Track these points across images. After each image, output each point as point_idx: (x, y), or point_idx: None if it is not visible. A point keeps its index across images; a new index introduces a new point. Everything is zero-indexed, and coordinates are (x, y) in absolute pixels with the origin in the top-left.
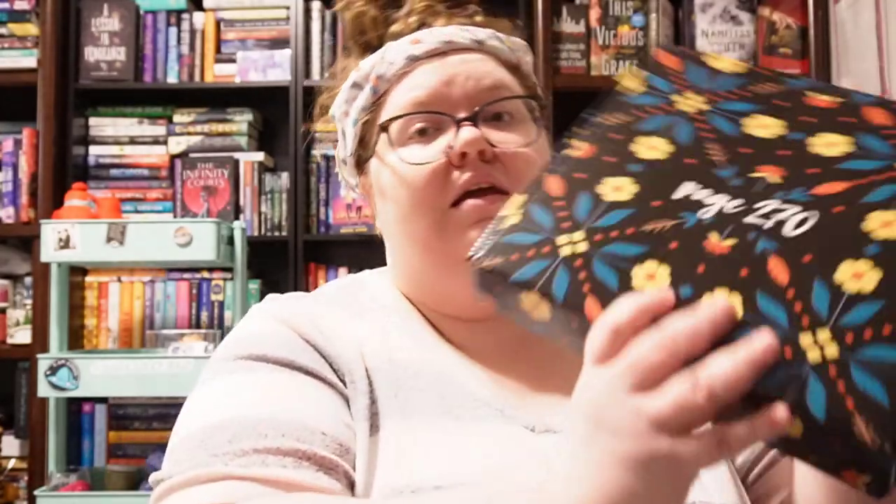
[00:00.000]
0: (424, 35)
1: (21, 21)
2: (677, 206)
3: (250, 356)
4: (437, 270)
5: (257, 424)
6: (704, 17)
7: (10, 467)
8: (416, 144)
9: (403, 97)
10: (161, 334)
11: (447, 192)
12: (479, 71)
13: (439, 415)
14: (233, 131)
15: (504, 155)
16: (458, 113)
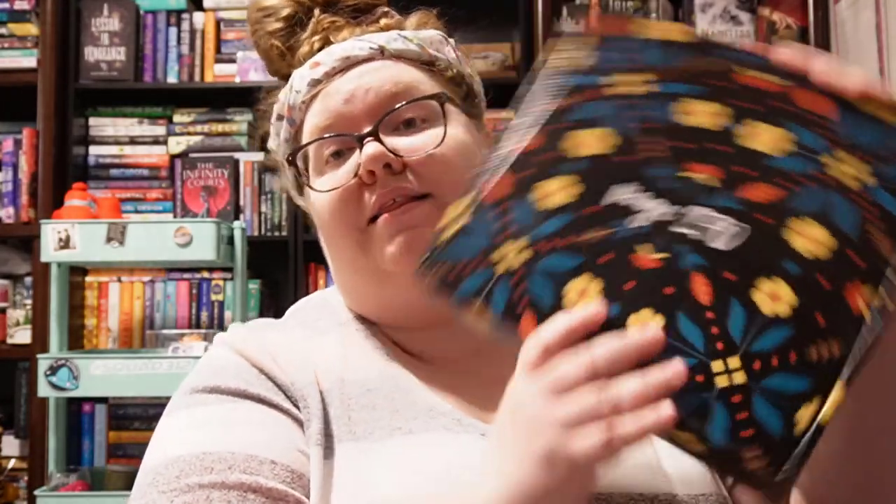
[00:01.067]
0: (322, 56)
1: (21, 21)
2: (608, 214)
3: (205, 388)
4: (368, 286)
5: (204, 458)
6: (704, 17)
7: (10, 467)
8: (331, 170)
9: (309, 124)
10: (161, 334)
11: (362, 211)
12: (379, 80)
13: (391, 432)
14: (233, 131)
15: (415, 162)
16: (361, 129)
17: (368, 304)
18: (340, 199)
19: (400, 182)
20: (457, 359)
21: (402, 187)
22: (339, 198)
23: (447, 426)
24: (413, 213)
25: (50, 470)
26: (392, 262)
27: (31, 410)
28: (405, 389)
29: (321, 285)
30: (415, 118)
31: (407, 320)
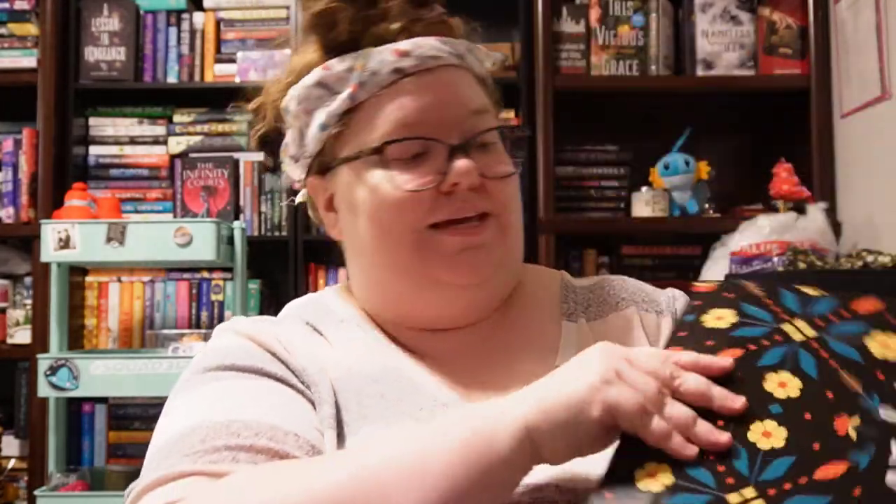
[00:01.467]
0: (410, 47)
1: (21, 21)
2: (842, 445)
3: (219, 367)
4: (410, 290)
5: (230, 425)
6: (704, 17)
7: (10, 467)
8: (404, 167)
9: (390, 116)
10: (161, 334)
11: (430, 215)
12: (466, 94)
13: (398, 418)
14: (233, 131)
15: (490, 183)
16: (450, 139)
17: (395, 303)
18: (413, 200)
19: (475, 200)
20: (455, 358)
21: (477, 206)
22: (411, 198)
23: None
24: (483, 233)
25: (50, 470)
26: (452, 273)
27: (31, 410)
28: (408, 379)
29: (321, 285)
30: (489, 142)
31: (431, 323)
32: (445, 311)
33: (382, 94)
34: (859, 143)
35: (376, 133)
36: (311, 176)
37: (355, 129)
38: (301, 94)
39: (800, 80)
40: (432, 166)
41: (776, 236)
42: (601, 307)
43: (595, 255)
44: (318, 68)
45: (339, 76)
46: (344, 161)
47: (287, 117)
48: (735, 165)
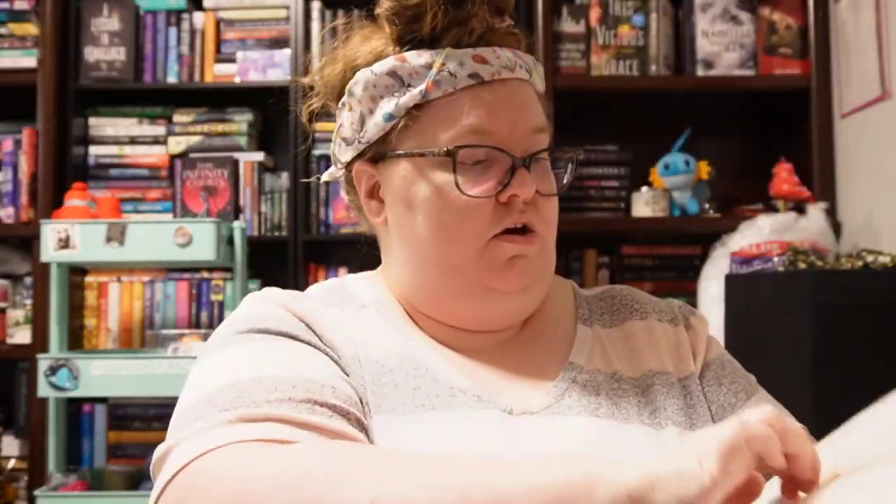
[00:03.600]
0: (489, 55)
1: (21, 21)
2: None
3: (252, 330)
4: (458, 292)
5: (264, 381)
6: (704, 17)
7: (10, 467)
8: (467, 172)
9: (461, 120)
10: (161, 334)
11: (493, 226)
12: (532, 111)
13: (414, 408)
14: (233, 131)
15: (540, 199)
16: (515, 152)
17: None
18: (476, 207)
19: (529, 215)
20: (476, 352)
21: (528, 217)
22: (480, 206)
23: (468, 403)
24: (532, 245)
25: (50, 470)
26: (501, 279)
27: (31, 410)
28: (425, 368)
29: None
30: (542, 159)
31: (466, 324)
32: (484, 315)
33: (456, 96)
34: (859, 143)
35: (446, 134)
36: (361, 161)
37: (422, 126)
38: (370, 79)
39: (800, 80)
40: (494, 175)
41: (776, 236)
42: (615, 315)
43: (595, 255)
44: (392, 58)
45: (415, 70)
46: (406, 155)
47: (350, 99)
48: (735, 165)
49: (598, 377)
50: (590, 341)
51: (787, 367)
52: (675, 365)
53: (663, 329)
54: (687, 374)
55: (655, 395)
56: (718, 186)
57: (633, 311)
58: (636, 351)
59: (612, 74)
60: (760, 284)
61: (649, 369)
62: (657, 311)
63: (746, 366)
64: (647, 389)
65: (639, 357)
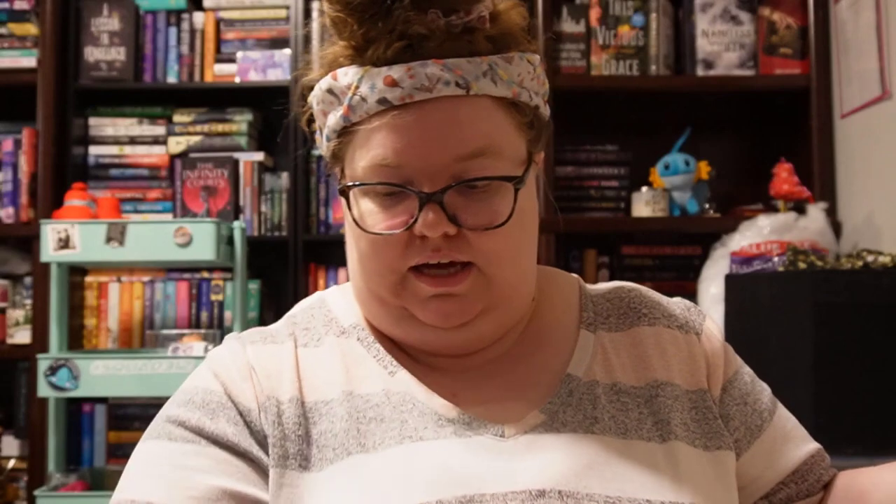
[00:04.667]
0: (401, 75)
1: (21, 21)
2: None
3: (174, 420)
4: (391, 319)
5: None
6: (704, 17)
7: (10, 467)
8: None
9: (371, 151)
10: (161, 334)
11: (407, 258)
12: (458, 136)
13: (400, 441)
14: (233, 131)
15: (471, 233)
16: (426, 184)
17: (382, 324)
18: (387, 243)
19: (451, 249)
20: (459, 373)
21: (451, 254)
22: (385, 241)
23: (457, 433)
24: (457, 284)
25: (50, 470)
26: (424, 315)
27: (31, 410)
28: (412, 401)
29: (321, 285)
30: (480, 183)
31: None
32: (430, 345)
33: (370, 122)
34: (859, 143)
35: (359, 164)
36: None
37: (347, 151)
38: (318, 95)
39: (800, 80)
40: (406, 209)
41: (776, 236)
42: (622, 319)
43: (595, 255)
44: (328, 75)
45: (342, 90)
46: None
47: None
48: (735, 165)
49: (596, 389)
50: (591, 349)
51: (787, 367)
52: (683, 377)
53: (672, 337)
54: (697, 388)
55: (659, 406)
56: (718, 186)
57: (642, 315)
58: (642, 359)
59: (612, 74)
60: (760, 284)
61: (655, 379)
62: (666, 315)
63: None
64: (650, 400)
65: (644, 365)
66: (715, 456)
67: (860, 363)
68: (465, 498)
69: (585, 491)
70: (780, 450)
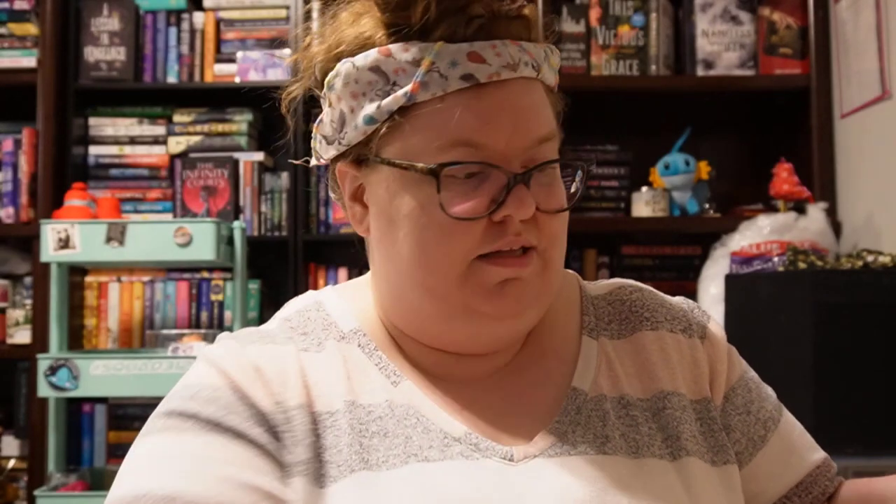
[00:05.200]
0: (487, 52)
1: (21, 21)
2: None
3: (183, 413)
4: (443, 316)
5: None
6: (704, 17)
7: (9, 467)
8: (457, 188)
9: (454, 130)
10: (161, 334)
11: (480, 247)
12: (537, 118)
13: (405, 459)
14: (233, 131)
15: (542, 216)
16: (512, 166)
17: (422, 323)
18: (464, 228)
19: (527, 233)
20: (469, 381)
21: (527, 238)
22: (464, 227)
23: (464, 454)
24: (526, 266)
25: (50, 470)
26: (491, 304)
27: (31, 410)
28: (416, 416)
29: (321, 285)
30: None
31: (455, 348)
32: (473, 340)
33: (446, 100)
34: (859, 143)
35: (433, 145)
36: (344, 161)
37: (407, 132)
38: (352, 73)
39: (800, 80)
40: (488, 192)
41: (776, 236)
42: (624, 324)
43: (595, 255)
44: (376, 51)
45: (401, 67)
46: (388, 163)
47: (330, 93)
48: (735, 165)
49: (604, 405)
50: (595, 359)
51: (787, 367)
52: (688, 385)
53: (676, 342)
54: (701, 397)
55: (668, 420)
56: (718, 186)
57: (644, 319)
58: (647, 367)
59: (612, 74)
60: (760, 284)
61: (661, 390)
62: (669, 319)
63: None
64: (658, 413)
65: (649, 375)
66: (723, 471)
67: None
68: None
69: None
70: (784, 461)
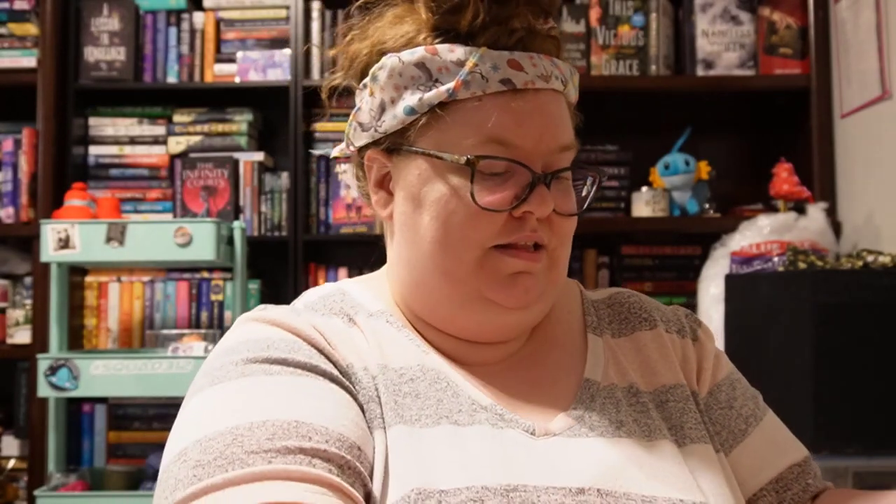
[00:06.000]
0: (525, 61)
1: (21, 21)
2: None
3: (267, 359)
4: (457, 300)
5: (298, 427)
6: (704, 17)
7: (10, 467)
8: (485, 181)
9: (485, 127)
10: (161, 334)
11: (499, 236)
12: (561, 127)
13: (438, 420)
14: (233, 131)
15: (556, 217)
16: (537, 167)
17: (436, 305)
18: (487, 217)
19: (541, 231)
20: (487, 367)
21: (542, 236)
22: (487, 215)
23: (490, 421)
24: (538, 261)
25: (50, 470)
26: (503, 294)
27: (31, 410)
28: (446, 381)
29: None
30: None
31: (466, 335)
32: (482, 327)
33: (484, 100)
34: (859, 143)
35: (468, 140)
36: (375, 149)
37: (444, 125)
38: (397, 67)
39: (800, 80)
40: (512, 188)
41: (776, 236)
42: (623, 324)
43: (595, 255)
44: (423, 49)
45: (445, 65)
46: (424, 153)
47: (372, 84)
48: (735, 165)
49: (616, 393)
50: (602, 353)
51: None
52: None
53: (671, 340)
54: (692, 390)
55: (671, 412)
56: (718, 186)
57: (642, 319)
58: (647, 364)
59: (612, 74)
60: (760, 284)
61: (663, 384)
62: (664, 320)
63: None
64: (661, 406)
65: (651, 371)
66: (721, 458)
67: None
68: (509, 487)
69: (623, 490)
70: (763, 457)
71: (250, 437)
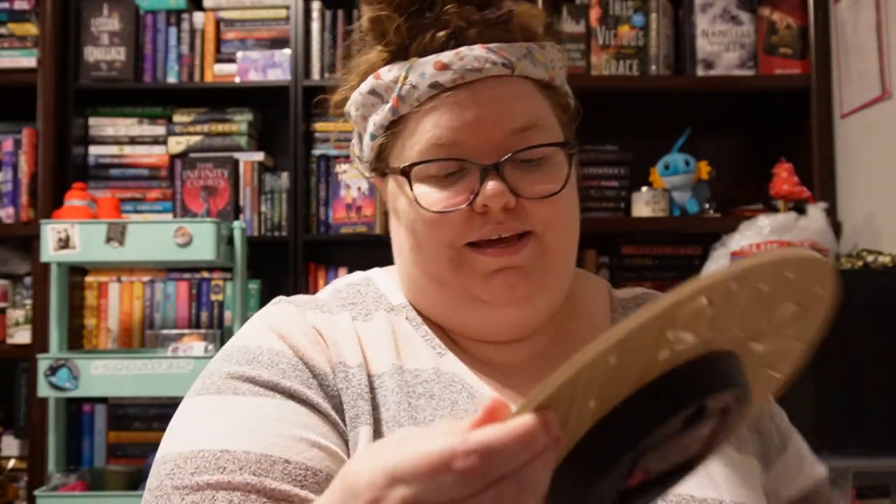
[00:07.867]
0: (451, 59)
1: (21, 21)
2: None
3: (240, 376)
4: (449, 302)
5: (221, 457)
6: (704, 17)
7: (9, 467)
8: (439, 185)
9: (425, 134)
10: (161, 334)
11: (466, 234)
12: (510, 111)
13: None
14: (233, 131)
15: (529, 203)
16: (484, 158)
17: (437, 313)
18: (447, 220)
19: (511, 220)
20: (503, 367)
21: (512, 226)
22: (444, 219)
23: None
24: (519, 253)
25: (50, 470)
26: (487, 292)
27: (31, 410)
28: (461, 383)
29: (321, 285)
30: (534, 158)
31: (474, 335)
32: (486, 326)
33: (422, 108)
34: (859, 143)
35: (413, 150)
36: (372, 176)
37: (399, 142)
38: (358, 99)
39: (800, 80)
40: (466, 186)
41: (776, 236)
42: None
43: (595, 255)
44: (371, 76)
45: (387, 86)
46: (389, 171)
47: (351, 120)
48: (735, 165)
49: None
50: None
51: None
52: None
53: None
54: None
55: None
56: (718, 186)
57: None
58: None
59: (612, 74)
60: None
61: None
62: None
63: None
64: None
65: None
66: (747, 461)
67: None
68: None
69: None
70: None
71: (184, 468)
